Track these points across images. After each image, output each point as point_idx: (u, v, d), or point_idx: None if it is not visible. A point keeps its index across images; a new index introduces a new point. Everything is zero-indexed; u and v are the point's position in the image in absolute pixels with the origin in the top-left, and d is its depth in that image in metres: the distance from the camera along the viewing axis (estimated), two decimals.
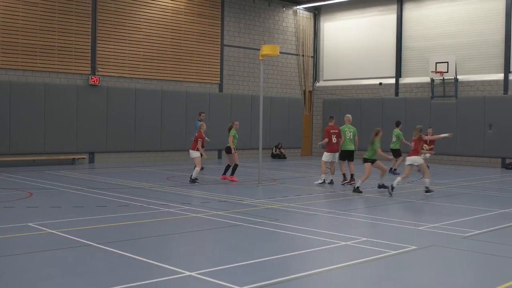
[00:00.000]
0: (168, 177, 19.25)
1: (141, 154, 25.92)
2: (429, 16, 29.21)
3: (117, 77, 25.19)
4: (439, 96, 28.37)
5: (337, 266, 7.91)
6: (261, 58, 17.95)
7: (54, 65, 23.33)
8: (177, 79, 27.20)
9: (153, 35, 26.29)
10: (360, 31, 31.87)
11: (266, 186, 17.32)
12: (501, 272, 7.96)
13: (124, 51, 25.34)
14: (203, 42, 28.14)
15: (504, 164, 26.15)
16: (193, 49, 27.76)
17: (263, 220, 11.23)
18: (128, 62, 25.53)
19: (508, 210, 13.55)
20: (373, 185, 17.88)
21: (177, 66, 27.17)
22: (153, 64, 26.34)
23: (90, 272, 7.37)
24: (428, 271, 7.93)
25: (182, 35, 27.30)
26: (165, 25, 26.70)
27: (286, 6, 32.04)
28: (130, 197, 14.23)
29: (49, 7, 23.14)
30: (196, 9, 27.86)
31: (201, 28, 28.07)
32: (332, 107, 31.92)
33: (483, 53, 27.34)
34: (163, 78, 26.70)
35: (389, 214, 12.48)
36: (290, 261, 8.26)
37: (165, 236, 9.76)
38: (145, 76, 26.08)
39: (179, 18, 27.21)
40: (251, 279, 7.06)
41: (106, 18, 24.72)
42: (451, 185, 18.58)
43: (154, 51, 26.32)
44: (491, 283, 7.23)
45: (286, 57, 32.04)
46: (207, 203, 13.53)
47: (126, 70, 25.45)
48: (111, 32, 24.90)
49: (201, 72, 28.15)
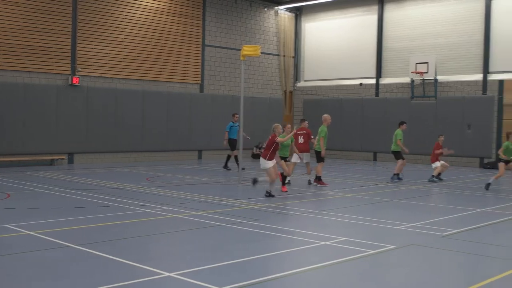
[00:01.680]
0: (148, 178, 19.19)
1: (121, 154, 25.80)
2: (410, 17, 29.40)
3: (98, 77, 25.05)
4: (419, 97, 28.57)
5: (316, 266, 7.93)
6: (242, 58, 17.96)
7: (34, 65, 23.13)
8: (158, 79, 27.12)
9: (134, 35, 26.18)
10: (341, 32, 31.99)
11: (246, 186, 17.31)
12: (479, 271, 8.04)
13: (105, 51, 25.21)
14: (184, 42, 28.09)
15: (482, 163, 26.40)
16: (174, 49, 27.69)
17: (243, 221, 11.24)
18: (109, 62, 25.40)
19: (486, 209, 13.69)
20: (352, 184, 17.99)
21: (158, 66, 27.09)
22: (134, 64, 26.24)
23: (69, 274, 7.33)
24: (406, 270, 7.99)
25: (163, 35, 27.22)
26: (146, 25, 26.61)
27: (267, 7, 32.07)
28: (110, 198, 14.16)
29: (30, 6, 22.93)
30: (178, 9, 27.80)
31: (183, 28, 28.01)
32: (313, 107, 32.00)
33: (463, 53, 27.58)
34: (144, 78, 26.60)
35: (368, 214, 12.55)
36: (269, 261, 8.27)
37: (144, 237, 9.73)
38: (126, 76, 25.96)
39: (161, 18, 27.13)
40: (230, 280, 7.07)
41: (87, 18, 24.56)
42: (430, 185, 18.71)
43: (135, 51, 26.22)
44: (469, 282, 7.29)
45: (267, 57, 32.08)
46: (187, 203, 13.50)
47: (106, 70, 25.32)
48: (92, 32, 24.75)
49: (182, 72, 28.09)
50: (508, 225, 11.80)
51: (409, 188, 17.55)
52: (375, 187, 17.84)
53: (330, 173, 20.91)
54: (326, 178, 18.46)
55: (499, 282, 7.38)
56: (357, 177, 20.77)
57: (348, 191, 16.65)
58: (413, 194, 16.21)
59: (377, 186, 17.98)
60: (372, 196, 15.57)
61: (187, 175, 20.50)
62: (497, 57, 26.59)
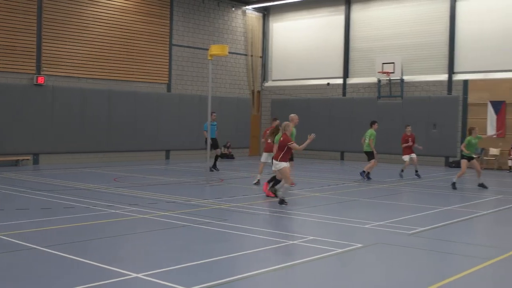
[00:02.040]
0: (115, 178, 19.03)
1: (88, 155, 25.54)
2: (376, 18, 29.66)
3: (64, 76, 24.75)
4: (386, 96, 28.85)
5: (284, 265, 7.96)
6: (210, 58, 17.93)
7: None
8: (125, 79, 26.91)
9: (101, 34, 25.94)
10: (308, 32, 32.13)
11: (214, 186, 17.30)
12: (444, 268, 8.14)
13: (71, 50, 24.93)
14: (151, 42, 27.93)
15: (448, 162, 26.78)
16: (142, 49, 27.52)
17: (211, 221, 11.22)
18: (75, 62, 25.12)
19: (452, 207, 13.89)
20: (319, 183, 18.08)
21: (125, 66, 26.89)
22: (101, 63, 26.00)
23: (34, 277, 7.23)
24: (373, 268, 8.06)
25: (130, 34, 27.02)
26: (113, 24, 26.39)
27: (235, 6, 32.06)
28: (76, 198, 14.01)
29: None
30: (145, 8, 27.63)
31: (150, 28, 27.85)
32: (280, 107, 32.07)
33: (428, 54, 27.93)
34: (111, 78, 26.37)
35: (336, 213, 12.63)
36: (237, 261, 8.27)
37: (111, 238, 9.65)
38: (92, 76, 25.71)
39: (128, 17, 26.93)
40: (198, 280, 7.05)
41: (52, 17, 24.26)
42: (397, 183, 18.91)
43: (101, 51, 25.98)
44: (434, 279, 7.38)
45: (235, 57, 32.07)
46: (155, 204, 13.43)
47: (72, 69, 25.03)
48: (57, 31, 24.45)
49: (149, 72, 27.93)
50: (473, 223, 11.99)
51: (376, 187, 17.71)
52: (342, 186, 17.97)
53: (298, 173, 20.97)
54: (294, 177, 18.49)
55: (463, 279, 7.49)
56: (325, 177, 20.89)
57: (316, 190, 16.73)
58: (380, 193, 16.37)
59: (345, 185, 18.11)
60: (339, 195, 15.67)
61: (154, 175, 20.39)
62: (462, 58, 26.99)
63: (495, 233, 11.29)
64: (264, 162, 17.76)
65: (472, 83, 26.52)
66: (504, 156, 25.37)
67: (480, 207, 14.13)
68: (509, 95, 25.39)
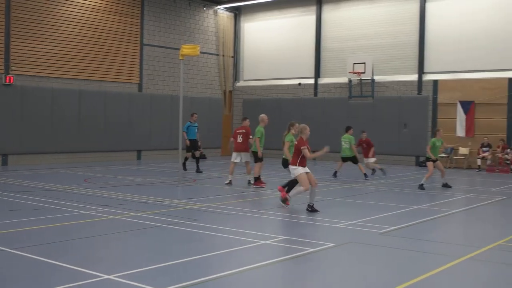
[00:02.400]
0: (86, 179, 18.85)
1: (58, 155, 25.25)
2: (347, 18, 29.83)
3: (33, 76, 24.45)
4: (357, 96, 29.03)
5: (256, 265, 7.95)
6: (181, 58, 17.84)
7: None
8: (95, 79, 26.67)
9: (70, 33, 25.68)
10: (280, 32, 32.20)
11: (186, 187, 17.24)
12: (416, 267, 8.22)
13: (40, 49, 24.63)
14: (122, 41, 27.73)
15: (418, 162, 27.05)
16: (112, 48, 27.30)
17: (183, 221, 11.18)
18: (45, 61, 24.83)
19: (422, 206, 14.03)
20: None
21: (95, 65, 26.65)
22: (71, 63, 25.73)
23: (3, 279, 7.12)
24: (345, 268, 8.10)
25: (100, 33, 26.79)
26: (83, 23, 26.13)
27: (206, 6, 31.98)
28: (46, 199, 13.84)
29: None
30: (115, 7, 27.41)
31: (121, 27, 27.65)
32: (252, 107, 32.09)
33: (399, 54, 28.18)
34: (81, 78, 26.11)
35: (307, 213, 12.65)
36: (210, 261, 8.25)
37: (82, 239, 9.55)
38: (62, 76, 25.42)
39: (98, 16, 26.70)
40: (170, 281, 7.01)
41: (21, 16, 23.94)
42: (368, 183, 19.04)
43: (72, 50, 25.71)
44: (406, 277, 7.44)
45: (207, 57, 32.00)
46: (126, 204, 13.33)
47: (42, 69, 24.73)
48: (26, 30, 24.13)
49: (120, 71, 27.72)
50: (443, 222, 12.12)
51: (347, 187, 17.81)
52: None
53: (269, 173, 21.01)
54: (266, 177, 18.53)
55: (434, 277, 7.57)
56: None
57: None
58: (351, 192, 16.47)
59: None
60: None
61: (126, 175, 20.24)
62: (432, 58, 27.29)
63: (465, 231, 11.44)
64: (234, 162, 17.75)
65: (442, 83, 26.83)
66: (473, 156, 25.69)
67: (450, 206, 14.29)
68: (478, 95, 25.75)
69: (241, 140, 17.77)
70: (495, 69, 25.65)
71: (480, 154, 25.05)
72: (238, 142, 17.78)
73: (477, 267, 8.25)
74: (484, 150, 24.99)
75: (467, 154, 25.87)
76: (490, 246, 9.43)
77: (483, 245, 9.52)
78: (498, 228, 11.74)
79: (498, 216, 13.41)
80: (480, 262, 8.53)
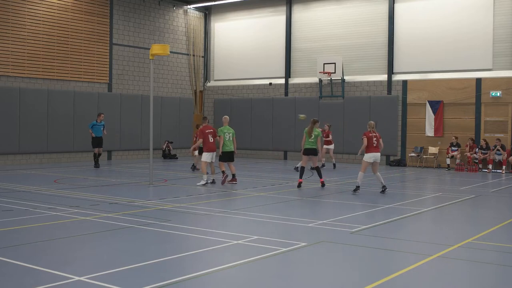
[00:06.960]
0: (55, 180, 18.64)
1: (26, 156, 24.93)
2: (317, 18, 29.97)
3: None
4: (327, 96, 29.19)
5: (228, 265, 7.95)
6: (151, 58, 17.75)
7: None
8: (64, 78, 26.39)
9: (38, 32, 25.37)
10: (250, 32, 32.23)
11: (157, 187, 17.15)
12: (387, 265, 8.30)
13: (6, 49, 24.28)
14: (91, 41, 27.48)
15: (389, 161, 27.30)
16: (81, 48, 27.05)
17: (155, 222, 11.12)
18: (11, 61, 24.48)
19: (392, 205, 14.15)
20: (263, 183, 18.14)
21: (64, 65, 26.37)
22: (39, 62, 25.42)
23: None
24: (317, 266, 8.13)
25: (69, 33, 26.52)
26: (51, 22, 25.83)
27: (176, 6, 31.87)
28: (15, 201, 13.66)
29: None
30: (84, 6, 27.16)
31: (89, 26, 27.40)
32: (223, 107, 32.10)
33: (368, 54, 28.41)
34: (49, 77, 25.81)
35: (280, 212, 12.69)
36: (182, 262, 8.22)
37: (52, 241, 9.45)
38: (30, 75, 25.11)
39: (66, 15, 26.42)
40: (142, 282, 6.97)
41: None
42: (339, 183, 19.16)
43: (39, 49, 25.40)
44: (377, 276, 7.51)
45: (177, 56, 31.89)
46: (97, 205, 13.22)
47: (9, 69, 24.39)
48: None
49: (89, 71, 27.47)
50: (413, 220, 12.24)
51: (317, 186, 17.86)
52: (286, 185, 18.09)
53: (241, 173, 21.02)
54: (238, 177, 18.55)
55: (404, 275, 7.64)
56: (269, 176, 20.99)
57: (260, 190, 16.79)
58: (322, 191, 16.54)
59: (288, 185, 18.23)
60: (283, 194, 15.77)
61: (96, 176, 20.07)
62: (401, 58, 27.56)
63: (435, 230, 11.56)
64: (208, 162, 17.71)
65: (411, 83, 27.11)
66: (442, 155, 26.01)
67: (420, 205, 14.44)
68: (446, 95, 26.07)
69: (212, 140, 17.79)
70: (463, 70, 26.01)
71: (449, 154, 25.36)
72: (211, 142, 17.79)
73: (446, 265, 8.35)
74: (453, 149, 25.31)
75: (436, 153, 26.19)
76: (459, 245, 9.56)
77: (452, 243, 9.65)
78: (467, 226, 11.91)
79: (467, 214, 13.59)
80: (449, 260, 8.63)
